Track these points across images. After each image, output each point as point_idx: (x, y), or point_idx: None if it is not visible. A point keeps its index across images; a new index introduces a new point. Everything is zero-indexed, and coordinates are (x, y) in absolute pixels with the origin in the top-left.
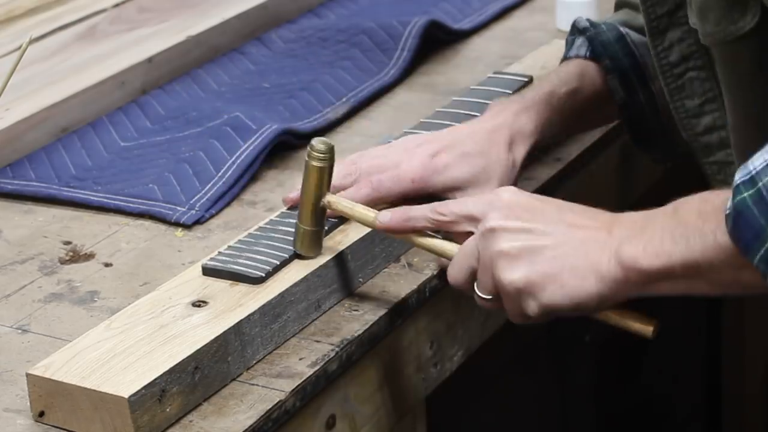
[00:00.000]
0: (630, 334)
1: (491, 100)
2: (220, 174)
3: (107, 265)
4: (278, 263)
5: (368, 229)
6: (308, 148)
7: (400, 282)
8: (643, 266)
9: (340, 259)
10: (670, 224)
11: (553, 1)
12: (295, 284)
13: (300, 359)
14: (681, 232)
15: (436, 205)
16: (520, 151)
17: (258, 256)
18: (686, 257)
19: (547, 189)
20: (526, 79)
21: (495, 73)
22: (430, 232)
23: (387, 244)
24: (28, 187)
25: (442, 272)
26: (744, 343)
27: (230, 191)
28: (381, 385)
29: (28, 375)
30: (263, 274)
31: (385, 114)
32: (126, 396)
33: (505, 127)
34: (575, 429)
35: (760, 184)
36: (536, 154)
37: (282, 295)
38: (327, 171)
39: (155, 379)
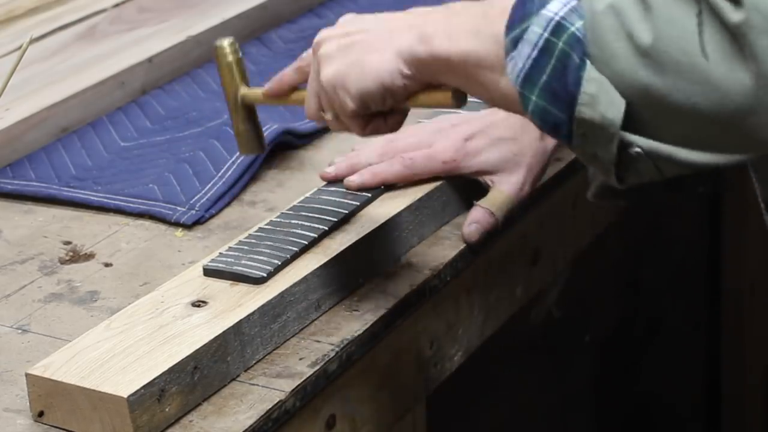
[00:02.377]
0: (630, 332)
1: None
2: (220, 174)
3: (107, 265)
4: (279, 263)
5: (369, 230)
6: (214, 50)
7: (400, 282)
8: (434, 47)
9: (340, 259)
10: (476, 15)
11: None
12: (295, 284)
13: (300, 359)
14: (479, 24)
15: (301, 55)
16: (552, 140)
17: (259, 257)
18: (469, 50)
19: (547, 188)
20: None
21: None
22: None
23: (388, 245)
24: (28, 187)
25: (443, 272)
26: (744, 343)
27: (230, 191)
28: (381, 385)
29: (27, 375)
30: (265, 274)
31: None
32: (125, 396)
33: None
34: (575, 429)
35: None
36: None
37: (282, 295)
38: (235, 64)
39: (154, 379)
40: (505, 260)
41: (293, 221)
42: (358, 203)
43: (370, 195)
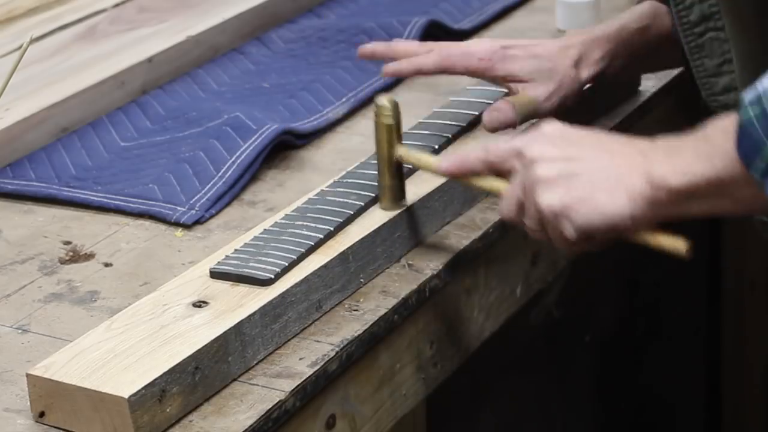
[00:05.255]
0: (630, 332)
1: (488, 99)
2: (220, 174)
3: (107, 265)
4: (287, 264)
5: (369, 230)
6: (374, 107)
7: (400, 282)
8: (671, 185)
9: (341, 259)
10: (698, 143)
11: (553, 1)
12: (296, 284)
13: (300, 359)
14: (707, 150)
15: (487, 146)
16: (586, 72)
17: (266, 258)
18: (709, 174)
19: None
20: None
21: None
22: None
23: (388, 245)
24: (28, 187)
25: (442, 272)
26: (744, 343)
27: (230, 191)
28: (381, 385)
29: (28, 375)
30: (272, 276)
31: None
32: (126, 396)
33: (574, 48)
34: (575, 429)
35: (765, 101)
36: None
37: (283, 295)
38: (394, 126)
39: (155, 380)
40: (505, 260)
41: (298, 222)
42: (362, 203)
43: (373, 195)
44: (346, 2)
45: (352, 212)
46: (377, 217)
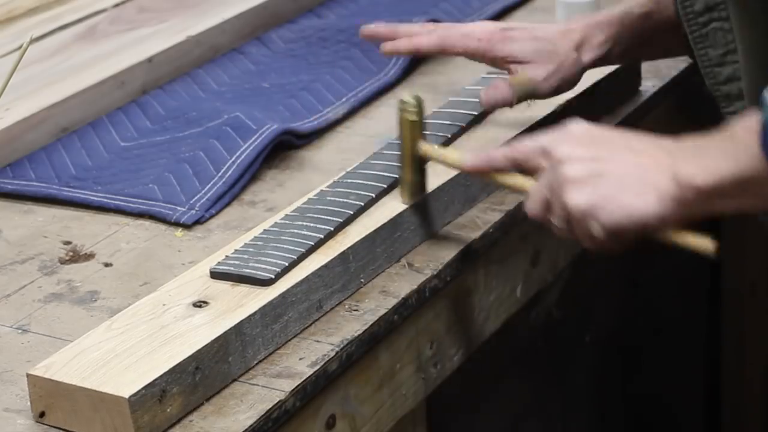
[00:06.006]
0: (630, 332)
1: None
2: (220, 174)
3: (107, 265)
4: (287, 264)
5: (370, 230)
6: (399, 104)
7: (400, 282)
8: (698, 184)
9: (342, 259)
10: (725, 143)
11: (553, 1)
12: (296, 284)
13: (300, 359)
14: (733, 149)
15: (513, 144)
16: (587, 56)
17: (266, 258)
18: (735, 172)
19: None
20: None
21: (489, 72)
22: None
23: (389, 245)
24: (28, 187)
25: (443, 272)
26: (744, 343)
27: (230, 191)
28: (381, 385)
29: (28, 375)
30: (272, 276)
31: (385, 114)
32: (126, 396)
33: (576, 31)
34: (575, 429)
35: None
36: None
37: (283, 295)
38: (418, 123)
39: (155, 380)
40: (505, 260)
41: (298, 222)
42: (362, 203)
43: (373, 195)
44: (346, 2)
45: (352, 212)
46: (378, 216)
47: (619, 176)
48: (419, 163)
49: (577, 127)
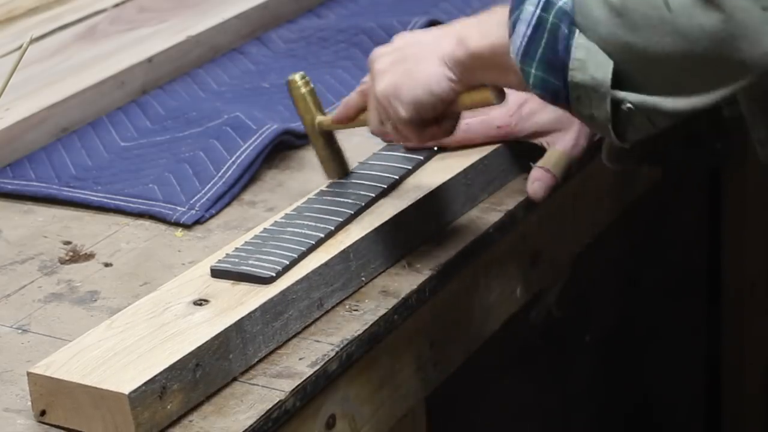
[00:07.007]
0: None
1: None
2: (220, 174)
3: (107, 265)
4: (288, 263)
5: (371, 228)
6: (286, 84)
7: (400, 282)
8: (471, 46)
9: (342, 257)
10: (502, 15)
11: None
12: (297, 282)
13: (300, 359)
14: (503, 20)
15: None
16: None
17: (267, 257)
18: (496, 42)
19: None
20: None
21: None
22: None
23: (389, 244)
24: (28, 187)
25: (443, 272)
26: (744, 344)
27: (230, 191)
28: (381, 385)
29: (29, 374)
30: (273, 274)
31: None
32: (126, 392)
33: None
34: (575, 429)
35: None
36: None
37: (284, 293)
38: (308, 95)
39: (156, 376)
40: (505, 260)
41: (298, 221)
42: (362, 203)
43: (374, 195)
44: (346, 2)
45: (352, 212)
46: (379, 215)
47: (415, 54)
48: (327, 137)
49: (399, 35)
